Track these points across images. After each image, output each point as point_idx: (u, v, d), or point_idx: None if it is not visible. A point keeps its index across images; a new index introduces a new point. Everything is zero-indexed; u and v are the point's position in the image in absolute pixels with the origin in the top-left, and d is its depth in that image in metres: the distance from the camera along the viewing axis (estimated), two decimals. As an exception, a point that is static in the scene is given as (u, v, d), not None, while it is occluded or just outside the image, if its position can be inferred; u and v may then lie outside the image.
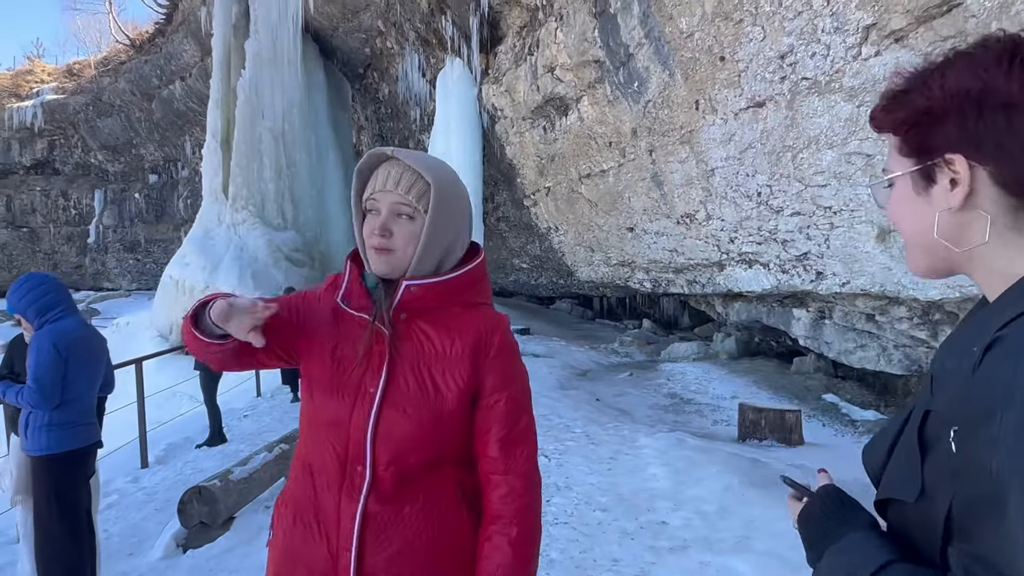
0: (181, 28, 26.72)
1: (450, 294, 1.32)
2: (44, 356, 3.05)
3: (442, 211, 1.28)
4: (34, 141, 35.34)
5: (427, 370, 1.27)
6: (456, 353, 1.28)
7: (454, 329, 1.30)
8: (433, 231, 1.28)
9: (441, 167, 1.34)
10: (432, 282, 1.29)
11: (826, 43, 6.32)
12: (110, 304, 31.56)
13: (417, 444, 1.26)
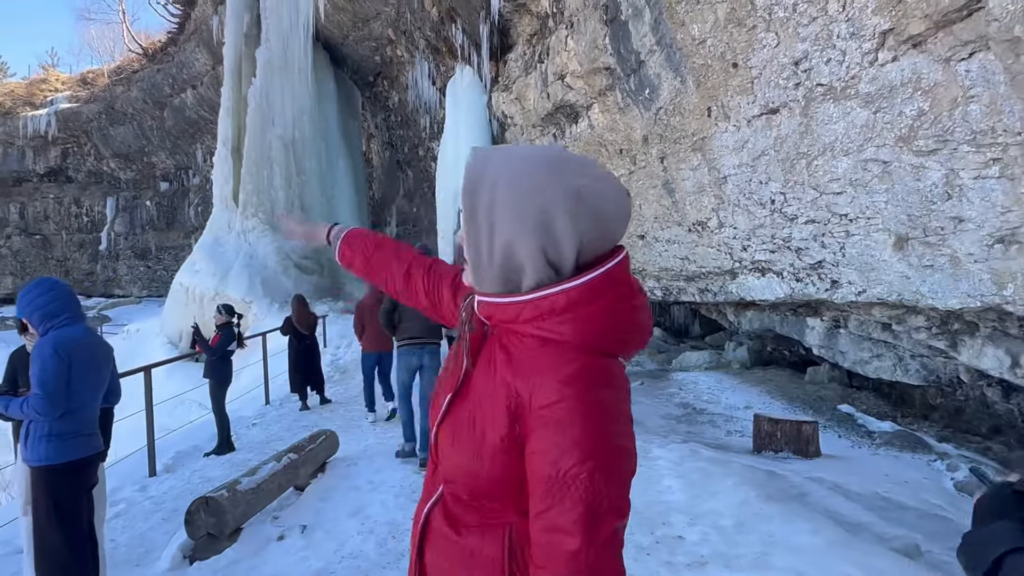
0: (193, 37, 26.94)
1: (518, 319, 1.06)
2: (48, 362, 3.00)
3: (476, 225, 1.06)
4: (48, 149, 35.68)
5: (479, 400, 1.10)
6: (498, 395, 1.06)
7: (516, 363, 1.06)
8: (472, 247, 1.08)
9: (499, 167, 1.06)
10: (494, 301, 1.09)
11: (841, 49, 6.24)
12: (121, 311, 31.75)
13: (459, 474, 1.13)
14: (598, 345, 1.04)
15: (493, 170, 1.05)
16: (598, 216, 1.04)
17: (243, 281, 18.00)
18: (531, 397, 1.01)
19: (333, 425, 7.67)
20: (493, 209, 1.03)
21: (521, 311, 1.05)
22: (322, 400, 9.31)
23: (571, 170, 1.03)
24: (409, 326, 6.08)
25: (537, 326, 1.04)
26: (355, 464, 5.73)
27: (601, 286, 1.03)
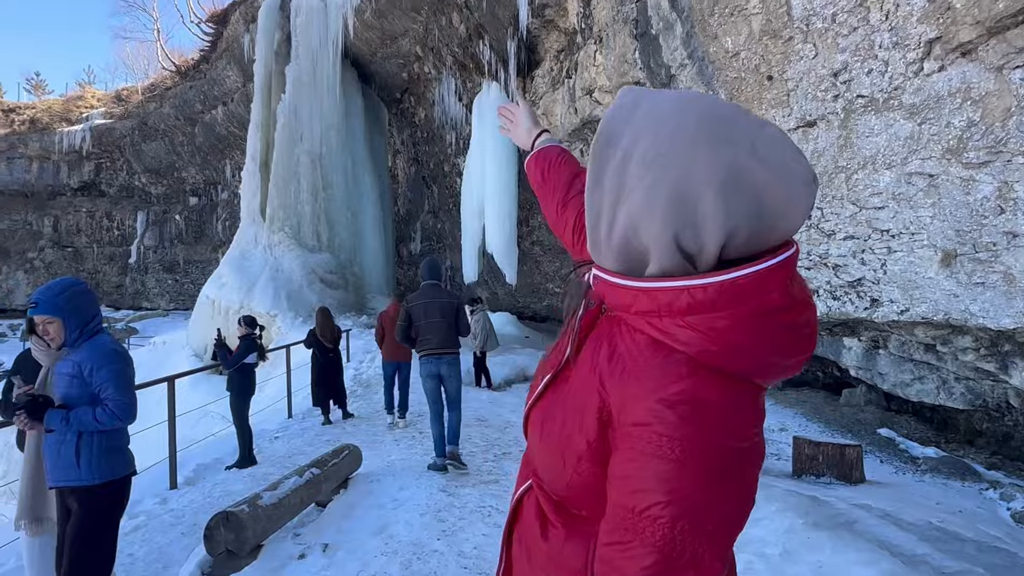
0: (225, 55, 27.43)
1: (635, 311, 0.87)
2: (123, 364, 2.88)
3: (604, 181, 0.86)
4: (82, 164, 36.48)
5: (573, 393, 0.94)
6: (592, 395, 0.89)
7: (618, 361, 0.87)
8: (591, 214, 0.89)
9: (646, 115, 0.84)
10: (611, 280, 0.89)
11: (884, 59, 6.05)
12: (148, 323, 32.15)
13: (544, 470, 1.00)
14: (723, 364, 0.81)
15: (639, 120, 0.84)
16: (762, 202, 0.78)
17: (268, 294, 18.07)
18: (621, 408, 0.84)
19: (356, 440, 7.54)
20: (625, 171, 0.83)
21: (635, 299, 0.85)
22: (344, 414, 9.19)
23: (736, 137, 0.79)
24: (427, 338, 6.12)
25: (650, 322, 0.84)
26: (379, 480, 5.58)
27: (742, 291, 0.79)
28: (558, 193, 1.48)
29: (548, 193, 1.51)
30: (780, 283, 0.80)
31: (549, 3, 12.53)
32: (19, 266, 36.88)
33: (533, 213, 15.96)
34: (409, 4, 17.18)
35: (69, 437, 2.81)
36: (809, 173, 0.81)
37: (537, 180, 1.56)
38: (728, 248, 0.80)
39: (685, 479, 0.76)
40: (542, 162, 1.56)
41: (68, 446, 2.81)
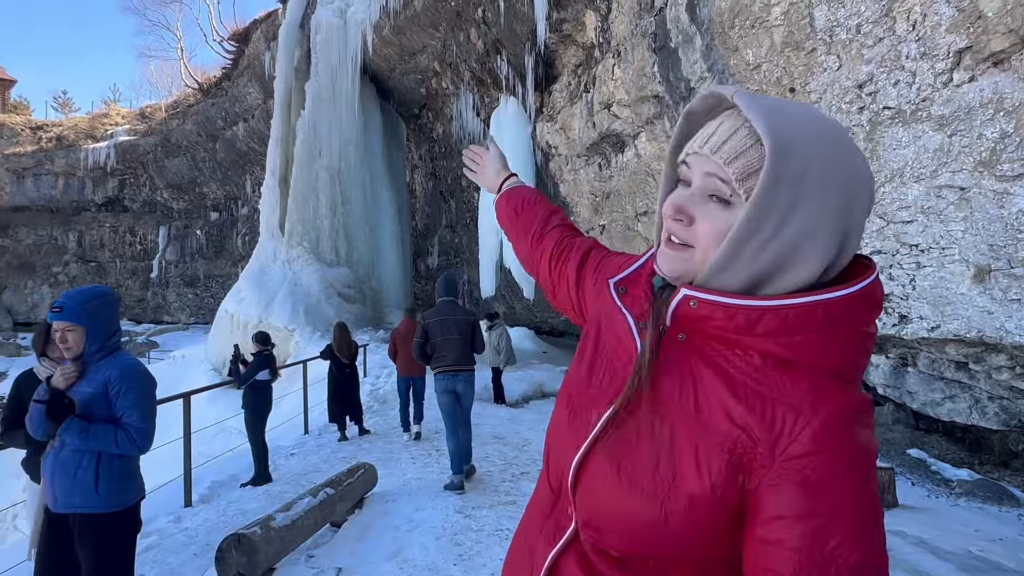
0: (246, 72, 27.81)
1: (755, 331, 0.81)
2: (150, 388, 2.75)
3: (778, 199, 0.79)
4: (106, 180, 37.10)
5: (669, 429, 0.83)
6: (720, 427, 0.80)
7: (742, 388, 0.81)
8: (753, 229, 0.80)
9: (806, 127, 0.80)
10: (725, 302, 0.82)
11: (911, 70, 5.92)
12: (168, 337, 32.43)
13: (617, 522, 0.86)
14: (851, 377, 0.81)
15: (804, 132, 0.80)
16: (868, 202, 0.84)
17: (286, 309, 18.12)
18: (776, 440, 0.77)
19: (372, 457, 7.46)
20: (801, 182, 0.78)
21: (760, 319, 0.80)
22: (361, 430, 9.11)
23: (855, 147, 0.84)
24: (443, 355, 6.19)
25: (779, 342, 0.80)
26: (394, 500, 5.48)
27: (869, 297, 0.81)
28: (533, 226, 1.45)
29: (521, 227, 1.49)
30: (881, 294, 0.84)
31: (567, 18, 12.51)
32: (44, 280, 37.47)
33: (551, 227, 15.89)
34: (427, 20, 17.28)
35: (87, 462, 2.61)
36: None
37: (509, 215, 1.54)
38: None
39: (863, 498, 0.74)
40: (514, 199, 1.55)
41: (87, 471, 2.61)
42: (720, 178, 0.83)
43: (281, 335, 17.72)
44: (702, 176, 0.85)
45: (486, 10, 15.14)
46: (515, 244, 1.52)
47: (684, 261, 0.87)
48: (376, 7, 18.56)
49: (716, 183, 0.83)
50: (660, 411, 0.85)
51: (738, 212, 0.81)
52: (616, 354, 0.94)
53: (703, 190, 0.85)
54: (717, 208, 0.83)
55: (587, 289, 1.20)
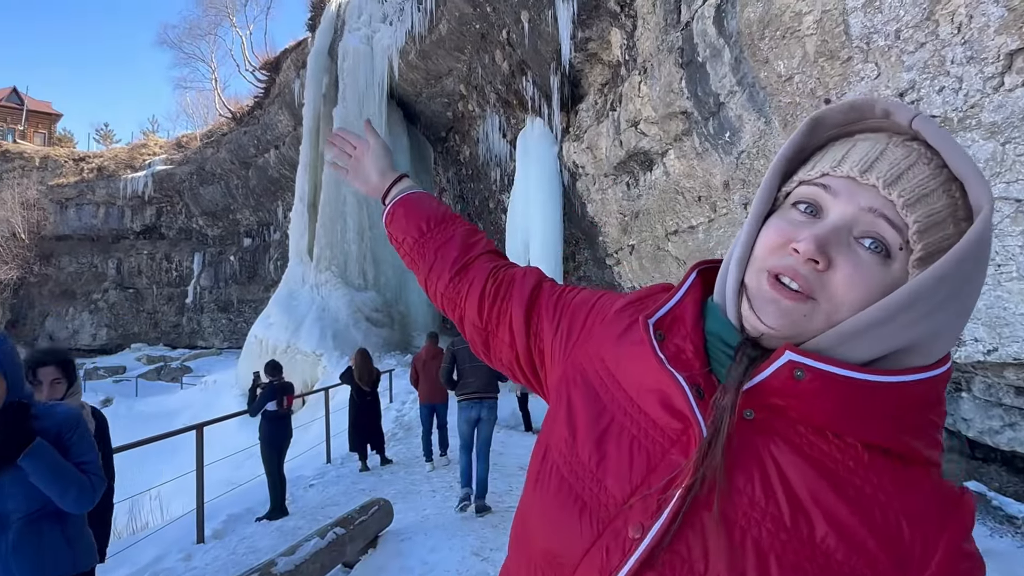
0: (277, 100, 28.28)
1: (872, 414, 0.63)
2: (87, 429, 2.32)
3: (966, 267, 0.63)
4: (144, 208, 38.03)
5: (753, 544, 0.61)
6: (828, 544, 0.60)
7: (851, 490, 0.62)
8: (923, 296, 0.62)
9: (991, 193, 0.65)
10: (852, 377, 0.62)
11: (957, 75, 5.55)
12: (202, 362, 32.81)
13: None
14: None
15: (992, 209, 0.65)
16: None
17: (314, 334, 18.10)
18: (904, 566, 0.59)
19: (392, 489, 7.20)
20: (986, 248, 0.64)
21: (885, 400, 0.63)
22: (383, 460, 8.86)
23: None
24: (468, 381, 6.33)
25: (898, 431, 0.64)
26: (409, 539, 5.19)
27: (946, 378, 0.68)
28: (451, 251, 1.09)
29: (432, 252, 1.11)
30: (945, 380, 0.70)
31: (592, 36, 12.36)
32: (84, 307, 38.37)
33: (579, 249, 15.61)
34: (452, 44, 17.31)
35: (47, 526, 2.16)
36: None
37: (411, 234, 1.13)
38: None
39: None
40: (416, 212, 1.14)
41: (53, 533, 2.17)
42: (890, 220, 0.64)
43: (309, 360, 17.68)
44: (857, 210, 0.65)
45: (510, 32, 15.09)
46: (424, 275, 1.12)
47: (803, 317, 0.65)
48: (402, 32, 18.67)
49: (881, 226, 0.64)
50: (741, 528, 0.62)
51: (897, 269, 0.65)
52: (654, 430, 0.69)
53: (854, 228, 0.65)
54: (870, 257, 0.65)
55: (546, 334, 0.91)
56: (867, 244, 0.64)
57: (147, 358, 34.93)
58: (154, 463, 15.67)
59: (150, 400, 26.26)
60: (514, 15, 14.62)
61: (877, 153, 0.66)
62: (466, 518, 5.80)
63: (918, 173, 0.64)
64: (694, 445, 0.65)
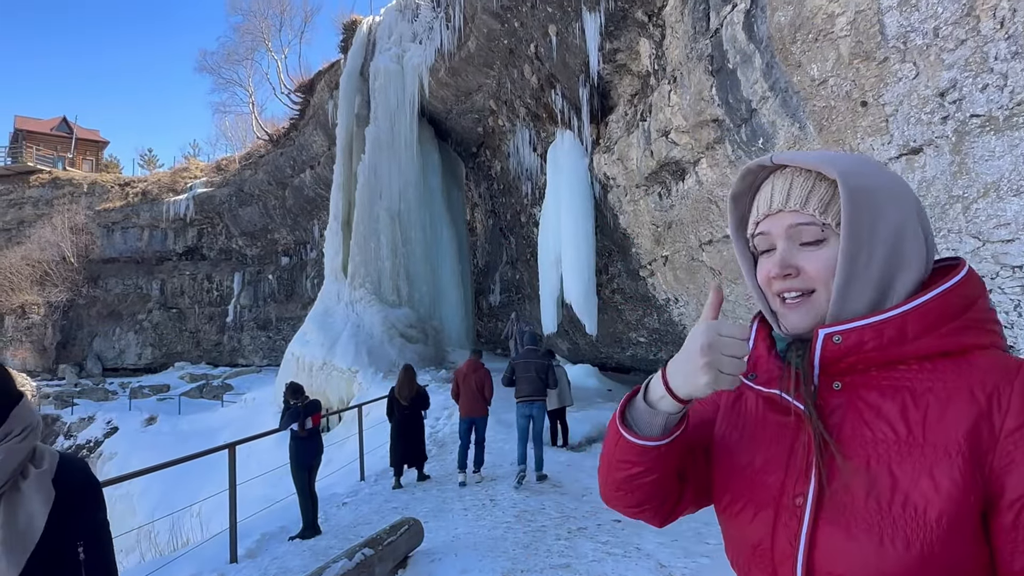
0: (311, 121, 28.82)
1: (907, 337, 0.84)
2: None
3: (864, 216, 0.87)
4: (186, 230, 39.04)
5: (886, 468, 0.81)
6: (937, 437, 0.80)
7: (928, 395, 0.83)
8: (855, 249, 0.87)
9: (850, 157, 0.91)
10: (867, 323, 0.85)
11: (1001, 72, 5.32)
12: (242, 379, 33.36)
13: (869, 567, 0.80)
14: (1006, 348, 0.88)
15: (849, 160, 0.90)
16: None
17: (350, 351, 18.23)
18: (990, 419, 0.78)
19: (424, 507, 7.14)
20: (875, 195, 0.88)
21: (905, 324, 0.84)
22: (420, 476, 8.79)
23: None
24: (523, 387, 8.23)
25: (935, 337, 0.84)
26: (439, 560, 5.11)
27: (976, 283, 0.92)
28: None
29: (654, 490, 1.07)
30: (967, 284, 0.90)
31: (620, 47, 12.28)
32: (130, 327, 39.41)
33: (612, 261, 15.44)
34: (481, 60, 17.41)
35: None
36: None
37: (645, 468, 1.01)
38: None
39: None
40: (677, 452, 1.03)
41: None
42: (804, 223, 0.90)
43: (344, 376, 17.80)
44: (785, 231, 0.92)
45: (538, 46, 15.12)
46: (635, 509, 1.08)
47: (813, 308, 0.91)
48: (431, 51, 18.87)
49: (802, 229, 0.91)
50: (865, 458, 0.83)
51: (834, 242, 0.89)
52: (777, 434, 0.94)
53: (792, 240, 0.92)
54: (813, 249, 0.91)
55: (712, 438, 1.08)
56: (804, 246, 0.91)
57: (190, 376, 35.66)
58: (196, 480, 15.92)
59: (192, 418, 26.77)
60: (542, 29, 14.65)
61: (770, 192, 0.94)
62: (496, 539, 5.69)
63: (798, 184, 0.92)
64: (803, 424, 0.89)
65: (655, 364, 18.55)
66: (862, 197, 0.86)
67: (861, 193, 0.86)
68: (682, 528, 5.90)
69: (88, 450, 27.67)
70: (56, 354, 37.75)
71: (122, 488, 19.31)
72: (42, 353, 37.16)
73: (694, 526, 5.97)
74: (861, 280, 0.86)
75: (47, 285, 37.15)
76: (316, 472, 7.00)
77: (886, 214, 0.86)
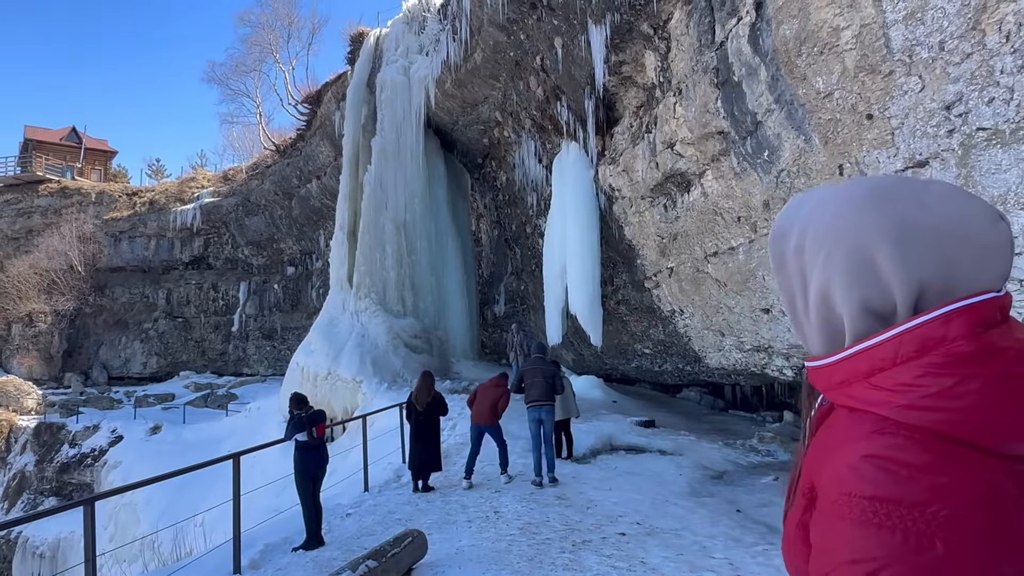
0: (318, 132, 28.99)
1: (832, 383, 0.87)
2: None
3: (786, 274, 0.92)
4: (193, 240, 39.24)
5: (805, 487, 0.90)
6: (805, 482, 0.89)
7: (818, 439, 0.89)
8: (787, 300, 0.94)
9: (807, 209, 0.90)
10: (812, 365, 0.90)
11: (1007, 85, 5.32)
12: (247, 389, 33.41)
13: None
14: (926, 423, 0.75)
15: (804, 212, 0.90)
16: (944, 251, 0.79)
17: (354, 361, 18.22)
18: (817, 477, 0.84)
19: (428, 519, 7.11)
20: (801, 254, 0.89)
21: (832, 374, 0.86)
22: (425, 486, 8.75)
23: (899, 197, 0.82)
24: (533, 392, 8.73)
25: (845, 392, 0.84)
26: (443, 572, 5.09)
27: (923, 341, 0.78)
28: None
29: None
30: (963, 329, 0.77)
31: (626, 60, 12.33)
32: (136, 336, 39.54)
33: (617, 272, 15.43)
34: (487, 72, 17.50)
35: None
36: (991, 211, 0.81)
37: None
38: (926, 303, 0.80)
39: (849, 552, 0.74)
40: None
41: None
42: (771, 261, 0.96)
43: (349, 386, 17.79)
44: None
45: (544, 57, 15.19)
46: None
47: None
48: (438, 62, 18.98)
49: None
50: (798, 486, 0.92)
51: None
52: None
53: None
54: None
55: None
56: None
57: (195, 385, 35.72)
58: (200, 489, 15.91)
59: (196, 427, 26.80)
60: (547, 41, 14.73)
61: None
62: (500, 551, 5.66)
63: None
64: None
65: (660, 375, 18.50)
66: (782, 262, 0.91)
67: (781, 258, 0.92)
68: (687, 543, 5.86)
69: (93, 459, 27.70)
70: (62, 362, 37.88)
71: (126, 497, 19.29)
72: (48, 361, 37.29)
73: (699, 540, 5.93)
74: (804, 328, 0.91)
75: (54, 294, 37.34)
76: (321, 483, 6.98)
77: (815, 269, 0.86)
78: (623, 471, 9.36)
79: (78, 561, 6.17)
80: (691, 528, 6.28)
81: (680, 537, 5.94)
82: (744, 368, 12.69)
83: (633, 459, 10.30)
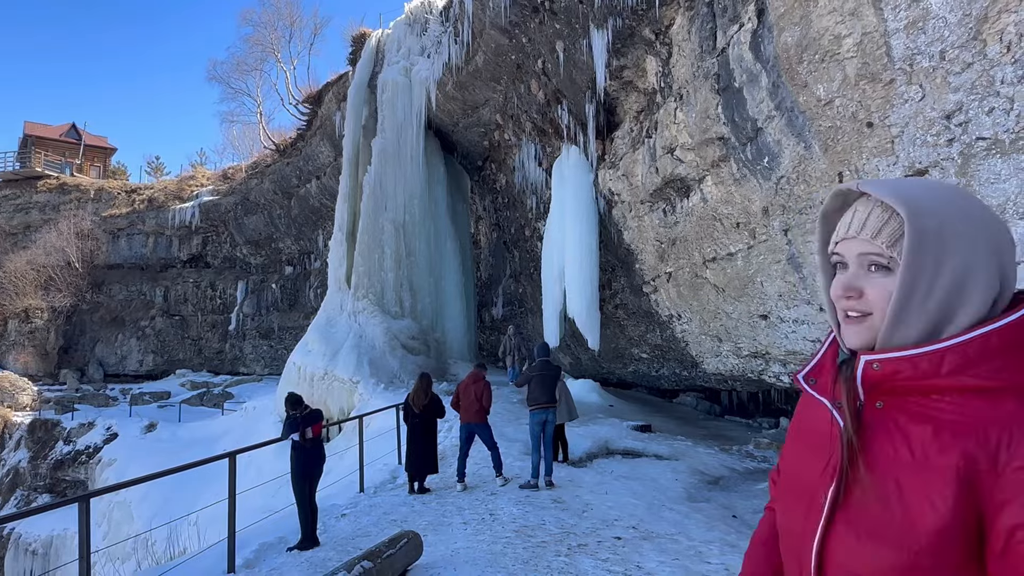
0: (319, 132, 29.00)
1: (940, 372, 0.91)
2: None
3: (926, 252, 0.93)
4: (191, 238, 39.18)
5: (895, 483, 0.92)
6: (941, 462, 0.89)
7: (948, 427, 0.90)
8: (911, 282, 0.93)
9: (927, 192, 0.97)
10: (906, 355, 0.93)
11: (1008, 95, 5.34)
12: (243, 388, 33.35)
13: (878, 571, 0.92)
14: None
15: (930, 195, 0.97)
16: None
17: (351, 361, 18.20)
18: (996, 456, 0.86)
19: (423, 520, 7.10)
20: (943, 234, 0.93)
21: (942, 360, 0.91)
22: (420, 487, 8.73)
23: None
24: (536, 395, 8.85)
25: (970, 374, 0.90)
26: (438, 574, 5.07)
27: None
28: None
29: None
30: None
31: (627, 64, 12.35)
32: (133, 333, 39.45)
33: (616, 276, 15.44)
34: (489, 75, 17.52)
35: None
36: None
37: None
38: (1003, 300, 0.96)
39: None
40: None
41: None
42: (872, 252, 0.98)
43: (345, 387, 17.77)
44: (856, 256, 1.00)
45: (546, 61, 15.21)
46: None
47: (868, 329, 0.99)
48: (439, 64, 19.01)
49: (871, 257, 0.98)
50: (882, 471, 0.93)
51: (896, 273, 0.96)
52: (822, 439, 1.04)
53: (862, 266, 1.00)
54: (879, 276, 0.98)
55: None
56: (872, 269, 0.99)
57: (191, 384, 35.64)
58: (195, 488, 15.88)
59: (192, 425, 26.73)
60: (549, 45, 14.75)
61: (851, 217, 1.02)
62: (496, 554, 5.65)
63: (875, 215, 0.98)
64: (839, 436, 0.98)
65: (657, 380, 18.49)
66: (925, 239, 0.92)
67: (925, 235, 0.92)
68: (682, 547, 5.86)
69: (87, 456, 27.61)
70: (58, 359, 37.78)
71: (120, 495, 19.23)
72: (44, 358, 37.19)
73: (694, 545, 5.93)
74: (914, 315, 0.93)
75: (51, 290, 37.25)
76: (317, 483, 6.97)
77: (950, 256, 0.91)
78: (619, 475, 9.36)
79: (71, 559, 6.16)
80: (687, 533, 6.28)
81: (676, 542, 5.94)
82: (741, 374, 12.70)
83: (629, 463, 10.29)
